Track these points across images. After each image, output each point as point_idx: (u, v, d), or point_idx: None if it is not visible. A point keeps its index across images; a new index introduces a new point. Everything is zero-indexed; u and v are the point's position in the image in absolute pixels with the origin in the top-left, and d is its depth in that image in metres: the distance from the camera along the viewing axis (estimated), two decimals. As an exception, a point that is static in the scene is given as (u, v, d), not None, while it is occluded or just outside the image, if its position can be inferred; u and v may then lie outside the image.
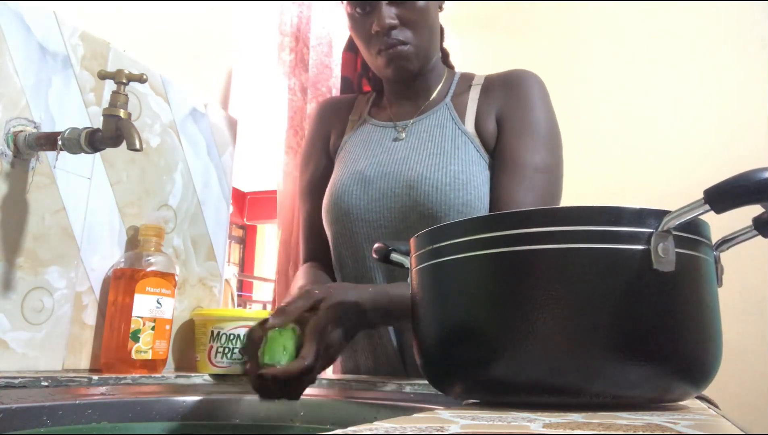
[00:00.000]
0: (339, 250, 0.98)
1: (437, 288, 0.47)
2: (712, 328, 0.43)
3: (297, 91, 1.61)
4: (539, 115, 0.93)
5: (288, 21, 1.63)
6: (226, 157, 1.19)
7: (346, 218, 0.94)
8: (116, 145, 0.75)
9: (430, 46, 0.96)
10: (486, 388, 0.44)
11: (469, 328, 0.44)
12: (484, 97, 0.97)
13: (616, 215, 0.41)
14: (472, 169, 0.90)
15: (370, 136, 1.00)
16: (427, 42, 0.94)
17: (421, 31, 0.92)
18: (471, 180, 0.89)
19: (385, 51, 0.92)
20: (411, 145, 0.95)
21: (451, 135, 0.93)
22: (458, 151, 0.91)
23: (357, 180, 0.95)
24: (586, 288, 0.40)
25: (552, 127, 0.93)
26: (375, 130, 1.01)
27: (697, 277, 0.43)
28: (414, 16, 0.91)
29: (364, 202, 0.93)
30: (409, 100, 1.01)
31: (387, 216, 0.92)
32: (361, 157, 0.98)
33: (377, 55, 0.93)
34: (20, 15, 0.81)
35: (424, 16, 0.92)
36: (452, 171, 0.89)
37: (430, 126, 0.96)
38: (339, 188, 0.96)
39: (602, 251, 0.40)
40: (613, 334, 0.39)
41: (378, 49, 0.93)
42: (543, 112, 0.93)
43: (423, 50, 0.94)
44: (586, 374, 0.39)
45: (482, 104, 0.96)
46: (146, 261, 0.90)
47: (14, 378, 0.68)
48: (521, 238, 0.42)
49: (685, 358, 0.41)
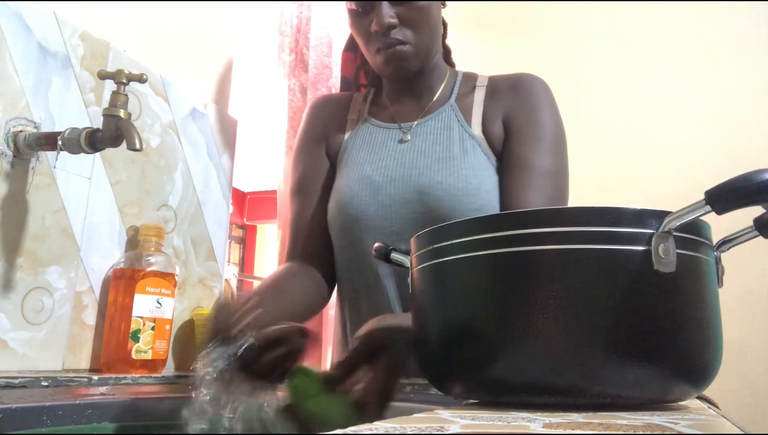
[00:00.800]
0: (346, 256, 0.95)
1: (437, 288, 0.47)
2: (713, 328, 0.43)
3: (297, 91, 1.61)
4: (547, 118, 0.93)
5: (288, 21, 1.63)
6: (226, 157, 1.19)
7: (355, 226, 0.92)
8: (116, 145, 0.75)
9: (431, 45, 0.94)
10: (486, 388, 0.44)
11: (469, 328, 0.44)
12: (490, 100, 0.96)
13: (617, 216, 0.41)
14: (482, 173, 0.89)
15: (373, 138, 0.98)
16: (427, 41, 0.93)
17: (422, 30, 0.91)
18: (482, 184, 0.88)
19: (383, 50, 0.91)
20: (418, 148, 0.93)
21: (458, 138, 0.92)
22: (467, 155, 0.90)
23: (365, 186, 0.92)
24: (586, 288, 0.40)
25: (559, 131, 0.94)
26: (378, 131, 0.99)
27: (698, 277, 0.43)
28: (414, 15, 0.90)
29: (373, 208, 0.91)
30: (410, 99, 1.00)
31: (398, 222, 0.90)
32: (366, 160, 0.95)
33: (376, 54, 0.92)
34: (20, 15, 0.81)
35: (424, 14, 0.91)
36: (464, 175, 0.88)
37: (436, 128, 0.95)
38: (346, 194, 0.93)
39: (602, 252, 0.40)
40: (613, 334, 0.39)
41: (377, 47, 0.91)
42: (550, 115, 0.94)
43: (423, 50, 0.93)
44: (587, 375, 0.39)
45: (488, 107, 0.95)
46: (146, 261, 0.90)
47: (14, 378, 0.68)
48: (522, 238, 0.42)
49: (685, 358, 0.41)
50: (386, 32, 0.89)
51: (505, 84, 0.97)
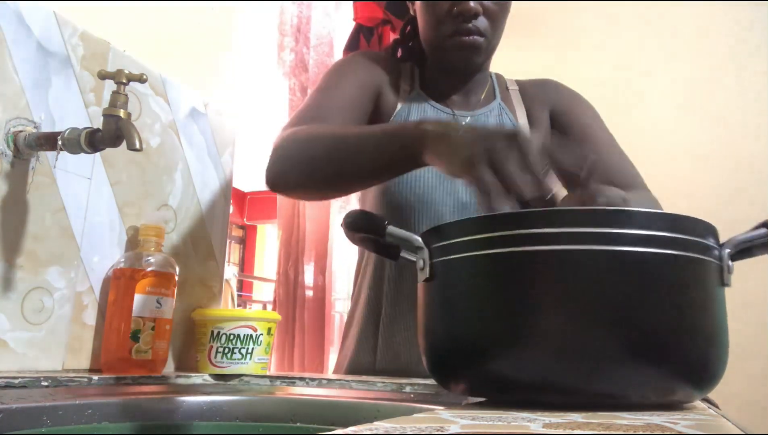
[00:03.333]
0: None
1: (443, 286, 0.47)
2: (718, 331, 0.42)
3: (297, 91, 1.61)
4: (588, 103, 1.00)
5: (288, 21, 1.63)
6: (226, 157, 1.19)
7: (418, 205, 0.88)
8: (116, 145, 0.75)
9: (497, 44, 0.94)
10: (489, 386, 0.45)
11: (473, 327, 0.44)
12: (526, 101, 0.99)
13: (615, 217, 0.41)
14: None
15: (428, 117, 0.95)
16: (497, 39, 0.93)
17: (499, 26, 0.90)
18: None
19: (459, 36, 0.88)
20: None
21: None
22: None
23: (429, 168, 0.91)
24: (588, 290, 0.40)
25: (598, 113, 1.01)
26: (433, 111, 0.96)
27: (704, 280, 0.42)
28: (497, 10, 0.89)
29: (438, 193, 0.88)
30: (458, 92, 0.98)
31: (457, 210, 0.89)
32: None
33: (448, 38, 0.89)
34: (20, 15, 0.81)
35: (504, 12, 0.91)
36: None
37: (490, 122, 0.95)
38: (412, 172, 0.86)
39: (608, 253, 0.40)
40: (618, 336, 0.39)
41: (453, 31, 0.88)
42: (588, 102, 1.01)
43: (492, 46, 0.92)
44: (590, 375, 0.39)
45: (529, 108, 0.99)
46: (146, 261, 0.90)
47: (14, 378, 0.68)
48: (524, 238, 0.42)
49: (690, 360, 0.41)
50: (469, 19, 0.86)
51: (535, 86, 1.02)
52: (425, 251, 0.49)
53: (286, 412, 0.70)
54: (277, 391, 0.84)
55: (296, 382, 0.90)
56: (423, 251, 0.49)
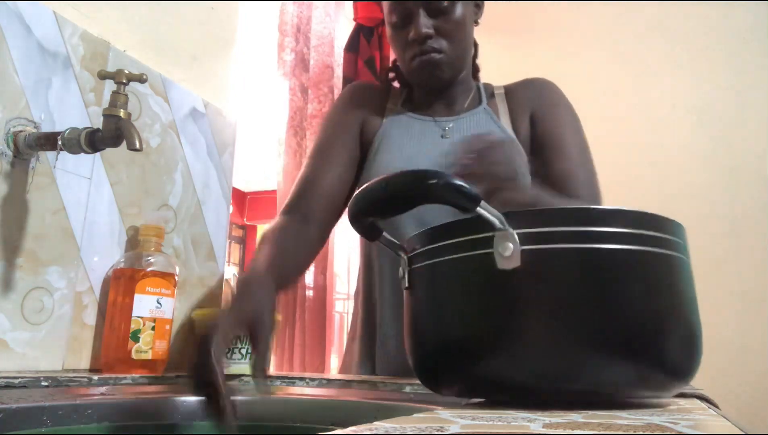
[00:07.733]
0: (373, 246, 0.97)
1: (432, 288, 0.48)
2: (691, 323, 0.44)
3: (297, 91, 1.61)
4: (567, 104, 1.03)
5: (288, 21, 1.62)
6: (226, 157, 1.19)
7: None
8: (116, 145, 0.75)
9: (463, 58, 1.00)
10: (475, 388, 0.45)
11: (459, 330, 0.45)
12: (511, 104, 1.03)
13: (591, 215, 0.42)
14: (522, 169, 0.92)
15: (411, 127, 1.01)
16: (460, 53, 0.98)
17: (455, 42, 0.96)
18: (524, 178, 0.91)
19: (418, 57, 0.95)
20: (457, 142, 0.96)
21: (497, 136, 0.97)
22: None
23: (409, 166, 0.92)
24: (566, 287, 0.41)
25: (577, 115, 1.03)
26: (415, 121, 1.02)
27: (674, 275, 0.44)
28: (450, 28, 0.95)
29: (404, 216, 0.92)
30: (439, 102, 1.04)
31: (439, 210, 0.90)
32: (406, 145, 0.99)
33: (411, 61, 0.96)
34: (20, 15, 0.81)
35: (459, 28, 0.95)
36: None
37: (472, 127, 0.99)
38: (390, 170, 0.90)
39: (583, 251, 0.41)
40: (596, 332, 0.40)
41: (413, 54, 0.96)
42: (567, 104, 1.03)
43: (455, 60, 0.97)
44: (571, 373, 0.40)
45: (513, 111, 1.02)
46: (146, 261, 0.90)
47: (14, 378, 0.68)
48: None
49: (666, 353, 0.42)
50: (423, 41, 0.94)
51: (520, 88, 1.05)
52: (404, 260, 0.51)
53: (286, 412, 0.70)
54: (277, 391, 0.84)
55: (296, 382, 0.90)
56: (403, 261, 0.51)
